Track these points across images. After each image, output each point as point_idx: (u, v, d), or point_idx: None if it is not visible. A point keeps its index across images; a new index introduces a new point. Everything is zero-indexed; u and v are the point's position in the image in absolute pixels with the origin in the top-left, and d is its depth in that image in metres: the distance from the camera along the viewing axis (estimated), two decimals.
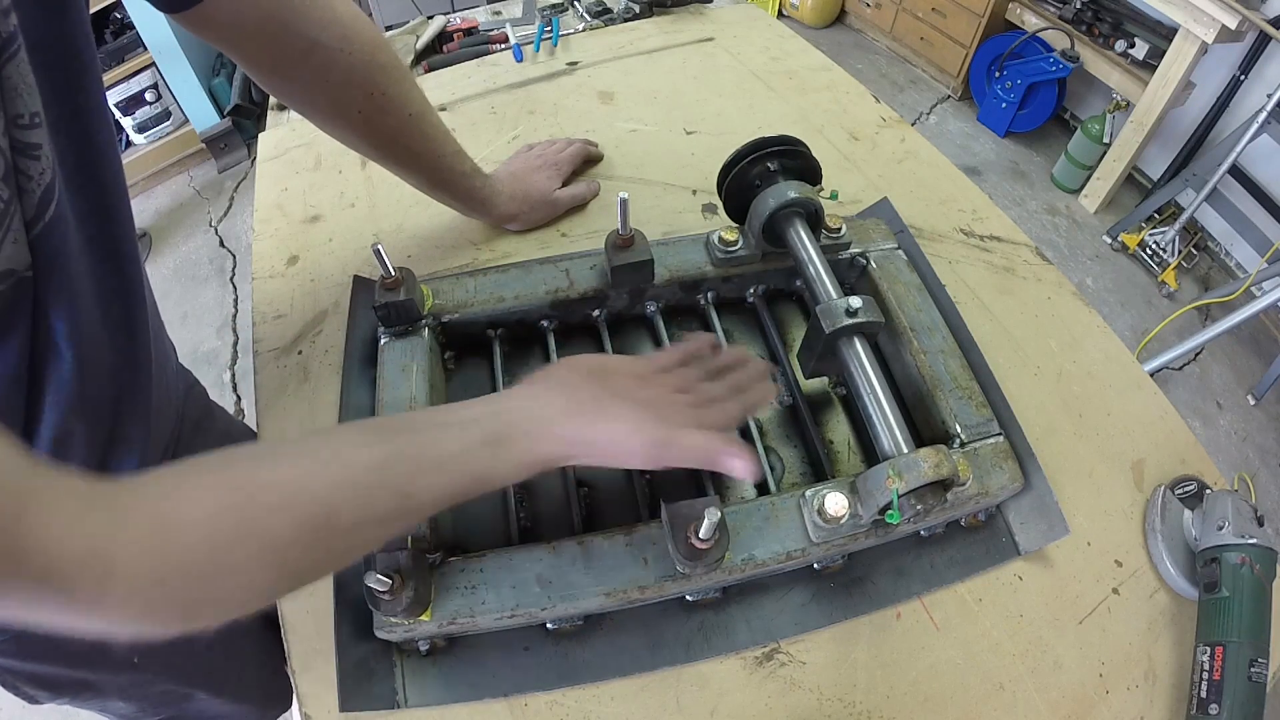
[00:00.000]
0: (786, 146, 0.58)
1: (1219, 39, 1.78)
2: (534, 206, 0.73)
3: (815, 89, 0.94)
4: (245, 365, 1.87)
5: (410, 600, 0.42)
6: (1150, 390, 0.65)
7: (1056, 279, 0.72)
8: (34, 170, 0.33)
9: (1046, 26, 2.27)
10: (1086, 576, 0.54)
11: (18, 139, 0.32)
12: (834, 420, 0.61)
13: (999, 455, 0.52)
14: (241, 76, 2.31)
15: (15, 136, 0.32)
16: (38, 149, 0.33)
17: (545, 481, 0.57)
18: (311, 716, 0.47)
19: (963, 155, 2.51)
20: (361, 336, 0.61)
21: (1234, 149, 1.81)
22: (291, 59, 0.52)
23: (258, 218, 0.78)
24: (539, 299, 0.61)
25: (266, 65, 0.53)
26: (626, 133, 0.87)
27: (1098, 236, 2.24)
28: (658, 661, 0.49)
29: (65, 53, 0.36)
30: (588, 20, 1.09)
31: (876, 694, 0.49)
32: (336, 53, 0.53)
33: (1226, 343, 1.96)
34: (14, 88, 0.31)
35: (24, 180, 0.33)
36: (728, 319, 0.67)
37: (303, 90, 0.56)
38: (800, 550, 0.48)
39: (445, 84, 0.96)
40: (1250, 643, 0.47)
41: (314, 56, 0.53)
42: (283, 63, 0.53)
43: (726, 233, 0.62)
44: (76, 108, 0.38)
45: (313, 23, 0.51)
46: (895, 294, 0.60)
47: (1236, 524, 0.51)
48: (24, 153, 0.32)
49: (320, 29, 0.52)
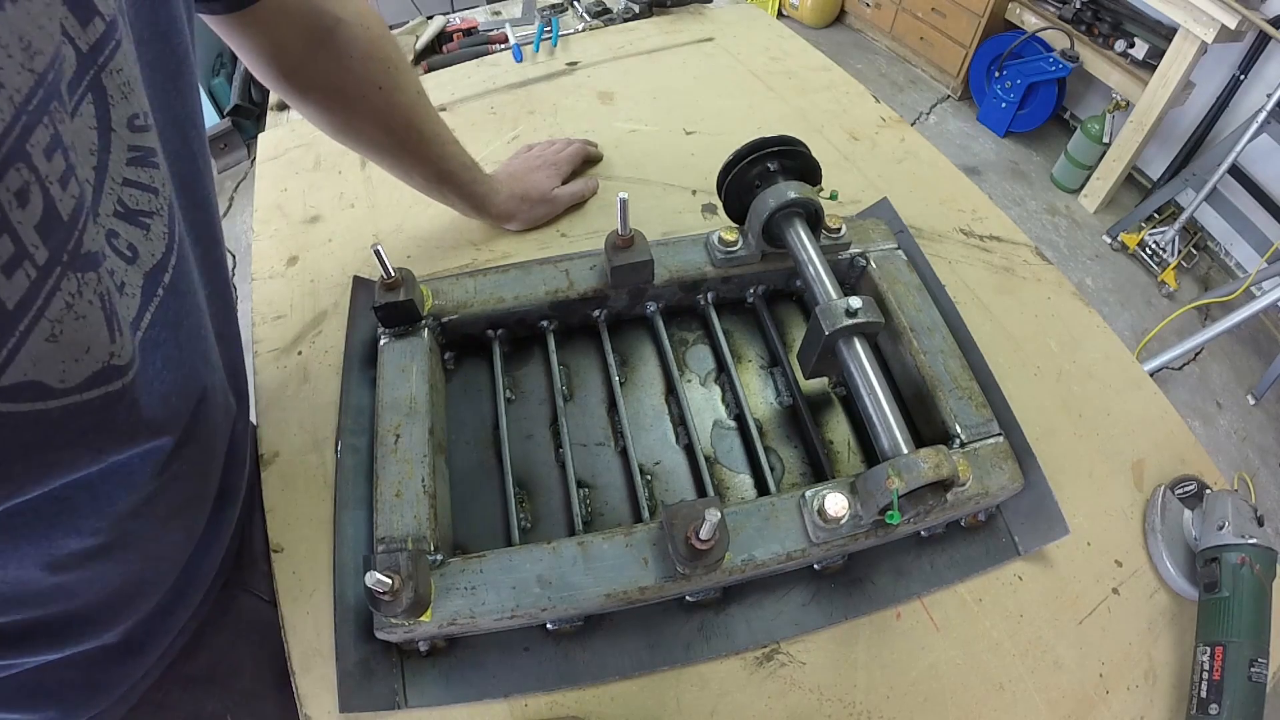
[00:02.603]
0: (786, 147, 0.58)
1: (1219, 39, 1.78)
2: (533, 205, 0.73)
3: (815, 89, 0.94)
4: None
5: (410, 601, 0.42)
6: (1150, 390, 0.65)
7: (1056, 279, 0.72)
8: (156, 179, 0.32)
9: (1046, 26, 2.27)
10: (1086, 576, 0.54)
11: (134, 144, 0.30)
12: (834, 420, 0.61)
13: (999, 455, 0.52)
14: (241, 77, 2.31)
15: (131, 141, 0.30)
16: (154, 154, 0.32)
17: (545, 481, 0.57)
18: (311, 717, 0.47)
19: (962, 155, 2.51)
20: (361, 337, 0.61)
21: (1234, 149, 1.81)
22: (321, 37, 0.55)
23: (257, 218, 0.78)
24: (539, 299, 0.61)
25: (297, 50, 0.54)
26: (626, 133, 0.87)
27: (1097, 236, 2.24)
28: (657, 662, 0.49)
29: (164, 49, 0.35)
30: (587, 20, 1.09)
31: (876, 694, 0.49)
32: (358, 28, 0.56)
33: (1226, 343, 1.96)
34: (126, 82, 0.29)
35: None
36: (727, 319, 0.67)
37: (328, 71, 0.57)
38: (800, 550, 0.48)
39: (445, 84, 0.96)
40: (1250, 643, 0.47)
41: (339, 33, 0.55)
42: (313, 44, 0.55)
43: (726, 233, 0.62)
44: (176, 117, 0.36)
45: (335, 1, 0.55)
46: (895, 294, 0.60)
47: (1236, 524, 0.51)
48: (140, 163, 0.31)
49: (341, 7, 0.55)
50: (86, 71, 0.27)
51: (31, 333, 0.24)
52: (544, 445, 0.59)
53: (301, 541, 0.54)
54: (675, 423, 0.60)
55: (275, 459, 0.58)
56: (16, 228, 0.23)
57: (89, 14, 0.26)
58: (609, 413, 0.61)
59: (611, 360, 0.62)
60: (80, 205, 0.26)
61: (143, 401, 0.31)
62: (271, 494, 0.56)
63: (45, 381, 0.25)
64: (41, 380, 0.25)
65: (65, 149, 0.25)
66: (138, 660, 0.47)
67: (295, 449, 0.59)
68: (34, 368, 0.24)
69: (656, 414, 0.61)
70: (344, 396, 0.59)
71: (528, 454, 0.59)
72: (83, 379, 0.27)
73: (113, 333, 0.28)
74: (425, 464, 0.50)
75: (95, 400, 0.27)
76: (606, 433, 0.60)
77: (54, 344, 0.25)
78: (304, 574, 0.53)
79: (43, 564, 0.33)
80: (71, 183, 0.25)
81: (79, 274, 0.26)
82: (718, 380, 0.63)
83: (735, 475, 0.58)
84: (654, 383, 0.63)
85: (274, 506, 0.56)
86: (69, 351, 0.26)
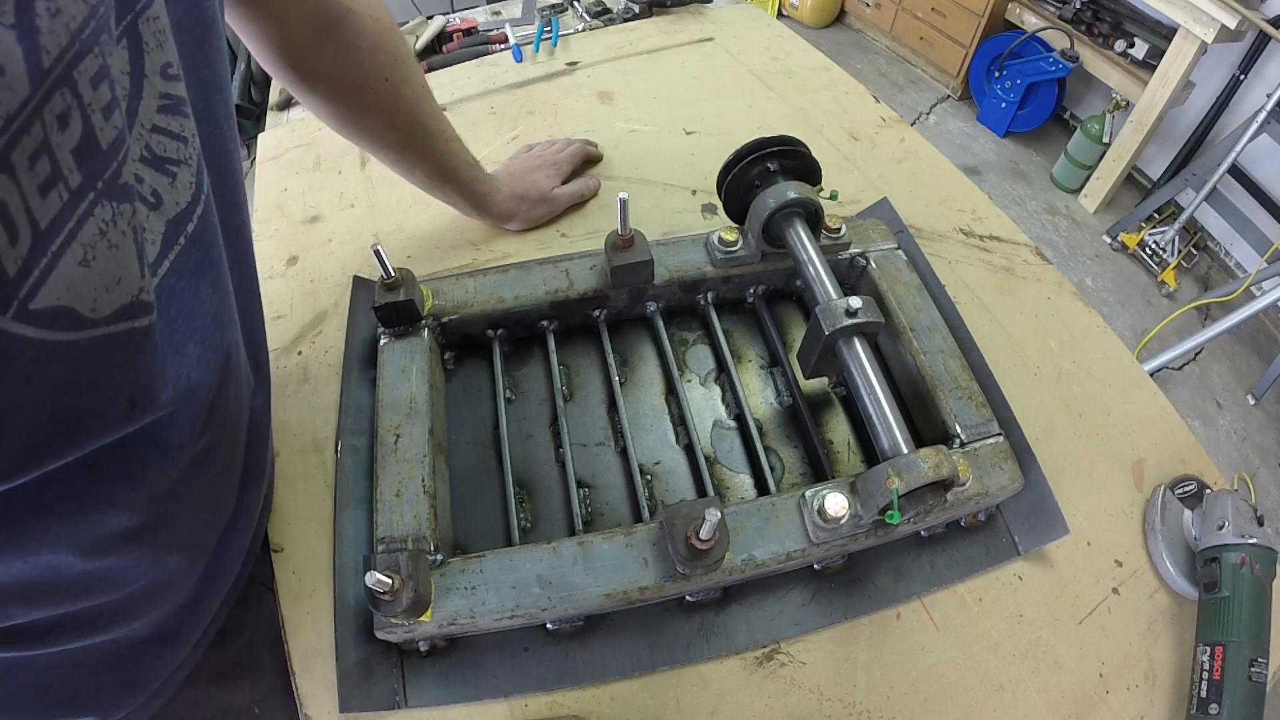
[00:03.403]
0: (786, 147, 0.58)
1: (1218, 39, 1.78)
2: (533, 205, 0.74)
3: (815, 89, 0.94)
4: None
5: (410, 601, 0.42)
6: (1150, 390, 0.65)
7: (1056, 279, 0.72)
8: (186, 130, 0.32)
9: (1046, 26, 2.27)
10: (1086, 576, 0.54)
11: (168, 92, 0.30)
12: (834, 420, 0.61)
13: (999, 455, 0.52)
14: (242, 76, 2.31)
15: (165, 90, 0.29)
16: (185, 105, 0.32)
17: (545, 481, 0.57)
18: (311, 717, 0.47)
19: (962, 155, 2.51)
20: (361, 337, 0.61)
21: (1233, 149, 1.81)
22: (329, 27, 0.55)
23: (257, 218, 0.78)
24: (539, 299, 0.61)
25: (305, 39, 0.54)
26: (626, 133, 0.87)
27: (1097, 236, 2.24)
28: (657, 662, 0.49)
29: (192, 9, 0.34)
30: (587, 20, 1.09)
31: (876, 694, 0.49)
32: (367, 19, 0.56)
33: (1226, 342, 1.96)
34: (161, 29, 0.29)
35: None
36: (727, 319, 0.67)
37: (336, 62, 0.56)
38: (800, 550, 0.48)
39: (445, 84, 0.96)
40: (1250, 643, 0.47)
41: (348, 23, 0.55)
42: (321, 34, 0.54)
43: (726, 233, 0.62)
44: (202, 79, 0.36)
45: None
46: (895, 294, 0.60)
47: (1236, 524, 0.51)
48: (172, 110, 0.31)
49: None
50: (125, 15, 0.27)
51: (64, 255, 0.24)
52: (544, 445, 0.59)
53: (301, 541, 0.54)
54: (675, 423, 0.60)
55: (275, 459, 0.58)
56: (55, 150, 0.23)
57: None
58: (609, 413, 0.61)
59: (611, 360, 0.62)
60: (120, 137, 0.26)
61: (160, 346, 0.31)
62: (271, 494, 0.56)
63: (77, 309, 0.25)
64: (74, 307, 0.25)
65: (112, 80, 0.25)
66: (171, 653, 0.47)
67: (295, 449, 0.59)
68: (66, 293, 0.24)
69: (656, 414, 0.61)
70: (344, 396, 0.59)
71: (528, 454, 0.59)
72: (113, 310, 0.27)
73: (143, 267, 0.28)
74: (425, 464, 0.51)
75: (121, 334, 0.27)
76: (606, 433, 0.60)
77: (86, 269, 0.25)
78: (304, 574, 0.53)
79: (76, 548, 0.32)
80: (116, 114, 0.26)
81: (114, 203, 0.26)
82: (718, 380, 0.63)
83: (735, 475, 0.58)
84: (654, 383, 0.63)
85: (274, 506, 0.56)
86: (101, 280, 0.26)
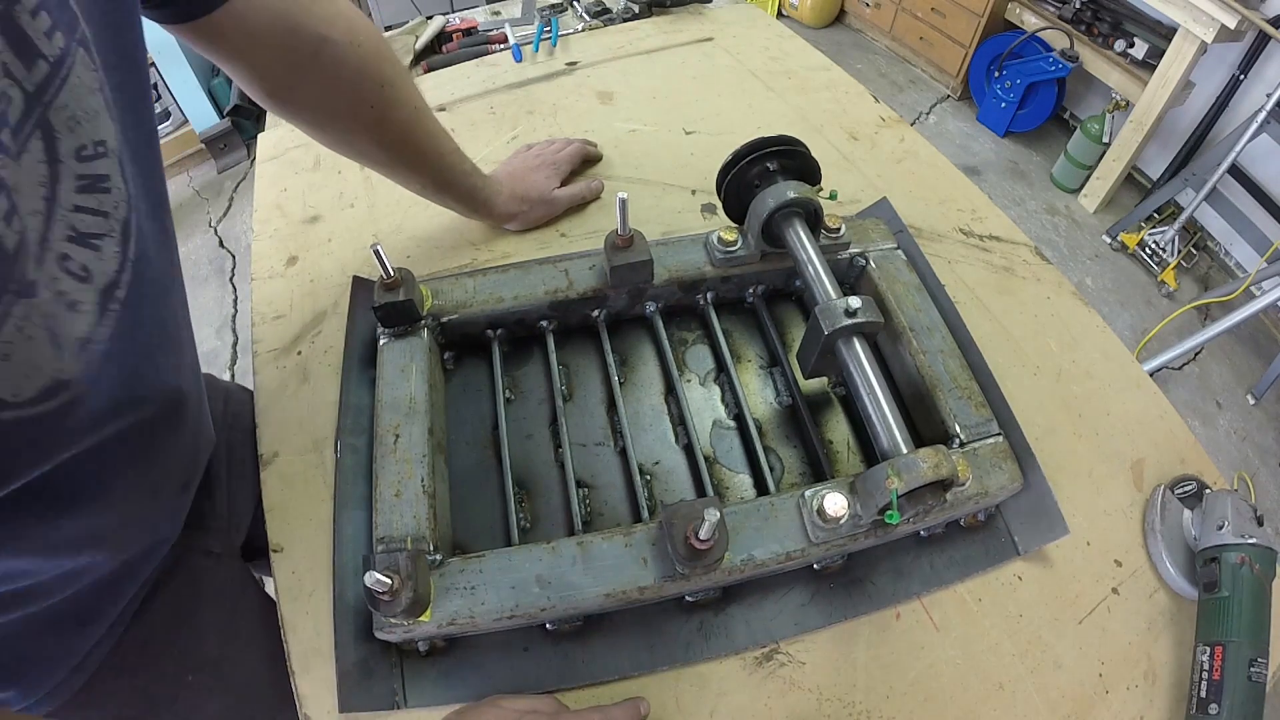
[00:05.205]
0: (785, 146, 0.58)
1: (1218, 39, 1.78)
2: (533, 206, 0.73)
3: (815, 89, 0.94)
4: (245, 365, 1.86)
5: (410, 601, 0.42)
6: (1150, 390, 0.65)
7: (1056, 279, 0.72)
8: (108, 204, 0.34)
9: (1046, 26, 2.27)
10: (1086, 576, 0.54)
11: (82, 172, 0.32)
12: (833, 420, 0.61)
13: (998, 455, 0.52)
14: None
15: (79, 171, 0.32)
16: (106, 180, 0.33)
17: (545, 481, 0.57)
18: (311, 717, 0.47)
19: (962, 155, 2.51)
20: (361, 337, 0.61)
21: (1233, 149, 1.81)
22: (303, 61, 0.52)
23: (257, 218, 0.78)
24: (538, 299, 0.61)
25: (278, 72, 0.52)
26: (626, 133, 0.87)
27: (1097, 236, 2.24)
28: (657, 662, 0.49)
29: (131, 70, 0.36)
30: (587, 20, 1.09)
31: (876, 694, 0.49)
32: (346, 48, 0.53)
33: (1226, 342, 1.96)
34: (72, 116, 0.31)
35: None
36: (727, 319, 0.67)
37: (316, 93, 0.55)
38: (800, 550, 0.48)
39: (444, 84, 0.96)
40: (1250, 642, 0.47)
41: (324, 54, 0.52)
42: (295, 67, 0.52)
43: (726, 233, 0.62)
44: (147, 133, 0.38)
45: (320, 19, 0.51)
46: (895, 294, 0.60)
47: (1236, 524, 0.51)
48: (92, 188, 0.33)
49: (328, 25, 0.52)
50: (33, 111, 0.29)
51: None
52: (543, 445, 0.59)
53: (301, 541, 0.54)
54: (675, 423, 0.60)
55: (275, 459, 0.58)
56: None
57: (33, 58, 0.28)
58: (608, 413, 0.61)
59: (611, 360, 0.62)
60: (23, 241, 0.28)
61: (94, 407, 0.35)
62: (271, 494, 0.56)
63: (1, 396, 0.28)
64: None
65: (8, 189, 0.27)
66: (90, 628, 0.48)
67: (295, 449, 0.59)
68: None
69: (656, 414, 0.61)
70: (343, 396, 0.59)
71: (527, 454, 0.58)
72: (35, 393, 0.30)
73: (59, 351, 0.31)
74: (425, 464, 0.50)
75: (48, 411, 0.31)
76: (606, 433, 0.60)
77: (6, 363, 0.28)
78: (303, 574, 0.53)
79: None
80: (15, 219, 0.28)
81: (27, 299, 0.29)
82: (717, 380, 0.63)
83: (735, 475, 0.58)
84: (653, 383, 0.63)
85: (274, 506, 0.56)
86: (20, 369, 0.29)
